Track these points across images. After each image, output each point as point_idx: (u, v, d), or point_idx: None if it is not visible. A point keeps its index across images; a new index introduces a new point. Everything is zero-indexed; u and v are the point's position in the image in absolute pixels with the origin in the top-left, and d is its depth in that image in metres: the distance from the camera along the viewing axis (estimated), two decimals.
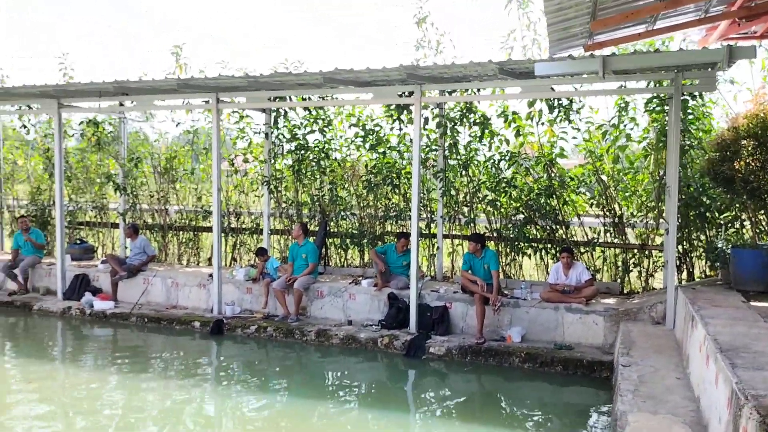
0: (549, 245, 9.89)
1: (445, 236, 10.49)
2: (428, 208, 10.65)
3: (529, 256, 10.15)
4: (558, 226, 9.77)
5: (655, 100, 9.01)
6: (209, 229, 12.03)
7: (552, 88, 8.45)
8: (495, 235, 10.15)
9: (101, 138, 12.66)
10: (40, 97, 10.77)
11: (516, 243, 9.97)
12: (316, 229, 11.17)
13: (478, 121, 10.00)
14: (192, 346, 8.94)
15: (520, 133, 9.80)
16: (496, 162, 10.05)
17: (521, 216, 9.96)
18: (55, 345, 9.38)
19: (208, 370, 8.10)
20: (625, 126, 9.35)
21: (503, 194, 10.00)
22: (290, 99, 10.29)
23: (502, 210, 10.08)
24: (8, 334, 9.72)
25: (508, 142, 9.98)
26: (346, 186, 11.30)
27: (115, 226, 13.13)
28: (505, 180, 9.95)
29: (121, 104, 11.56)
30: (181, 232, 12.55)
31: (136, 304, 10.30)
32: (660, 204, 8.94)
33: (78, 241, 12.55)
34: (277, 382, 7.55)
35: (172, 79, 9.02)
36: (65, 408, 6.70)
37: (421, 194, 9.99)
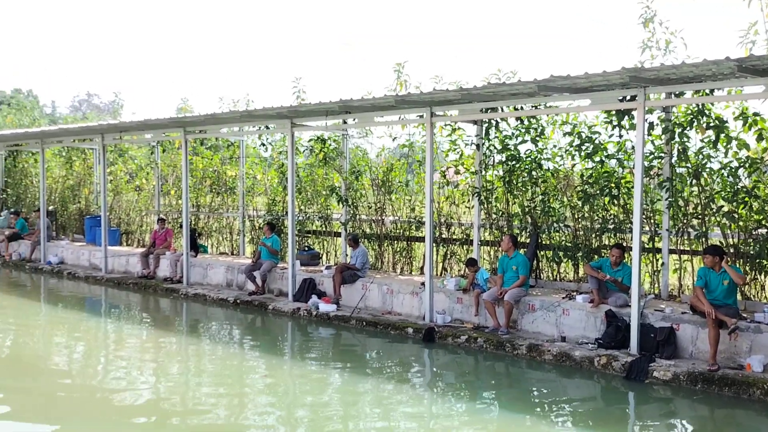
0: None
1: (671, 251, 9.65)
2: (651, 221, 9.87)
3: None
4: None
5: None
6: (421, 239, 12.40)
7: None
8: (732, 250, 9.08)
9: (327, 153, 13.72)
10: (276, 118, 11.99)
11: (757, 260, 8.83)
12: (527, 241, 10.95)
13: (712, 124, 9.06)
14: (405, 351, 9.26)
15: (763, 136, 8.69)
16: (734, 169, 9.01)
17: (764, 230, 8.80)
18: (285, 342, 10.32)
19: (420, 375, 8.32)
20: None
21: (742, 205, 8.92)
22: (502, 109, 10.23)
23: (741, 223, 9.00)
24: (247, 331, 10.94)
25: (747, 147, 8.90)
26: (560, 197, 10.93)
27: (338, 235, 14.10)
28: (745, 189, 8.88)
29: (344, 122, 12.43)
30: (395, 242, 13.11)
31: (355, 308, 10.94)
32: None
33: (306, 248, 13.70)
34: (486, 393, 7.51)
35: (390, 96, 9.47)
36: (292, 400, 7.32)
37: (644, 205, 9.29)
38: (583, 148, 10.30)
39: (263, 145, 15.29)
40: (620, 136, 9.94)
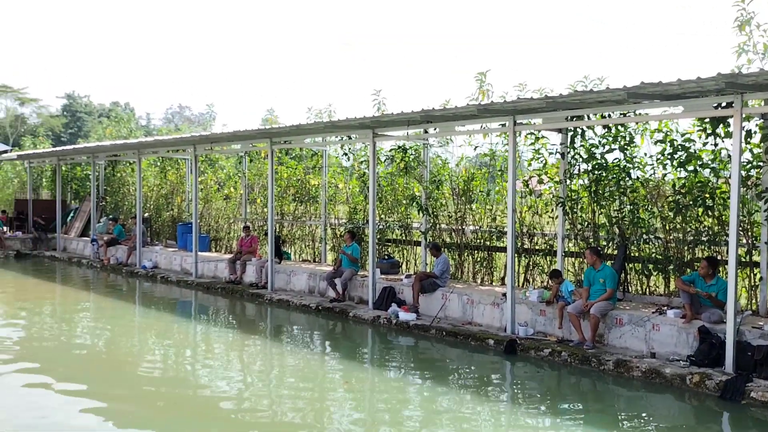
0: None
1: None
2: (749, 233, 9.35)
3: None
4: None
5: None
6: (503, 249, 12.25)
7: None
8: None
9: (408, 163, 13.80)
10: (358, 128, 12.19)
11: None
12: (614, 252, 10.60)
13: None
14: (486, 362, 9.16)
15: None
16: None
17: None
18: (365, 350, 10.43)
19: (501, 388, 8.20)
20: None
21: None
22: (588, 117, 10.00)
23: None
24: (329, 337, 11.13)
25: None
26: (649, 207, 10.53)
27: (417, 244, 14.14)
28: None
29: (425, 131, 12.48)
30: (476, 251, 13.00)
31: (435, 317, 10.93)
32: None
33: (386, 257, 13.82)
34: (571, 409, 7.32)
35: (472, 105, 9.44)
36: (372, 406, 7.39)
37: (741, 217, 8.81)
38: (676, 156, 9.91)
39: (345, 154, 15.57)
40: (715, 145, 9.49)
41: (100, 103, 74.58)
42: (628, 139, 10.58)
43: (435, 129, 12.20)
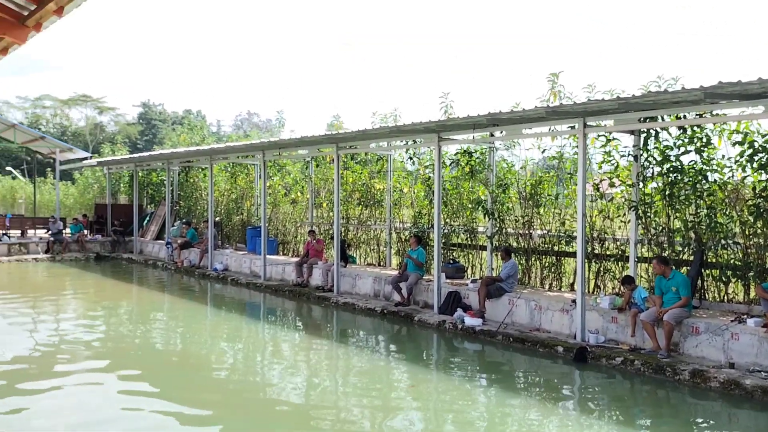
0: None
1: None
2: None
3: None
4: None
5: None
6: (572, 254, 11.98)
7: None
8: None
9: (473, 166, 13.71)
10: (424, 132, 12.19)
11: None
12: (690, 258, 10.20)
13: None
14: (554, 370, 8.97)
15: None
16: None
17: None
18: (431, 354, 10.40)
19: (570, 397, 8.02)
20: None
21: None
22: (662, 119, 9.67)
23: None
24: (394, 341, 11.17)
25: None
26: (728, 211, 10.08)
27: (483, 248, 14.00)
28: None
29: (491, 134, 12.35)
30: (544, 256, 12.77)
31: (501, 323, 10.79)
32: None
33: (451, 261, 13.75)
34: (645, 421, 7.08)
35: (541, 107, 9.29)
36: (438, 410, 7.37)
37: None
38: (756, 158, 9.45)
39: (410, 158, 15.60)
40: None
41: (174, 111, 77.45)
42: (704, 140, 10.16)
43: (501, 132, 12.06)
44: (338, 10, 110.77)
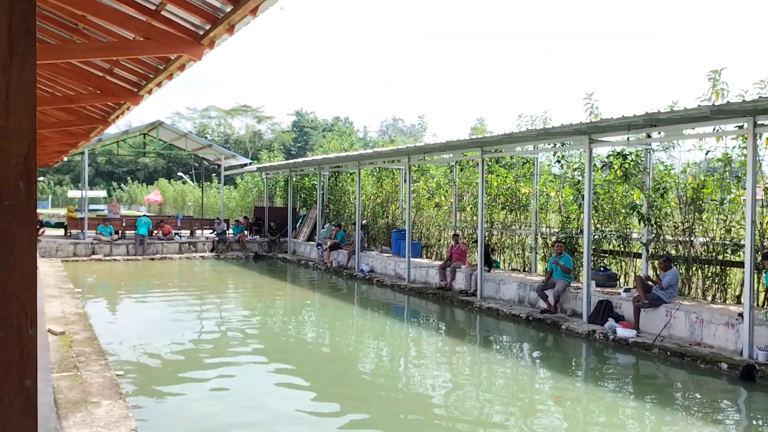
0: None
1: None
2: None
3: None
4: None
5: None
6: (739, 264, 10.98)
7: None
8: None
9: (627, 169, 13.01)
10: (573, 134, 11.78)
11: None
12: None
13: None
14: (718, 389, 8.28)
15: None
16: None
17: None
18: (579, 365, 10.02)
19: (736, 419, 7.36)
20: None
21: None
22: None
23: None
24: (539, 348, 10.88)
25: None
26: None
27: (638, 256, 13.24)
28: None
29: (648, 135, 11.67)
30: (706, 266, 11.83)
31: (658, 335, 10.15)
32: None
33: (602, 269, 13.15)
34: None
35: (705, 106, 8.64)
36: (585, 423, 7.07)
37: None
38: None
39: (558, 161, 15.13)
40: None
41: (324, 119, 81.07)
42: None
43: (660, 133, 11.35)
44: (479, 12, 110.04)
